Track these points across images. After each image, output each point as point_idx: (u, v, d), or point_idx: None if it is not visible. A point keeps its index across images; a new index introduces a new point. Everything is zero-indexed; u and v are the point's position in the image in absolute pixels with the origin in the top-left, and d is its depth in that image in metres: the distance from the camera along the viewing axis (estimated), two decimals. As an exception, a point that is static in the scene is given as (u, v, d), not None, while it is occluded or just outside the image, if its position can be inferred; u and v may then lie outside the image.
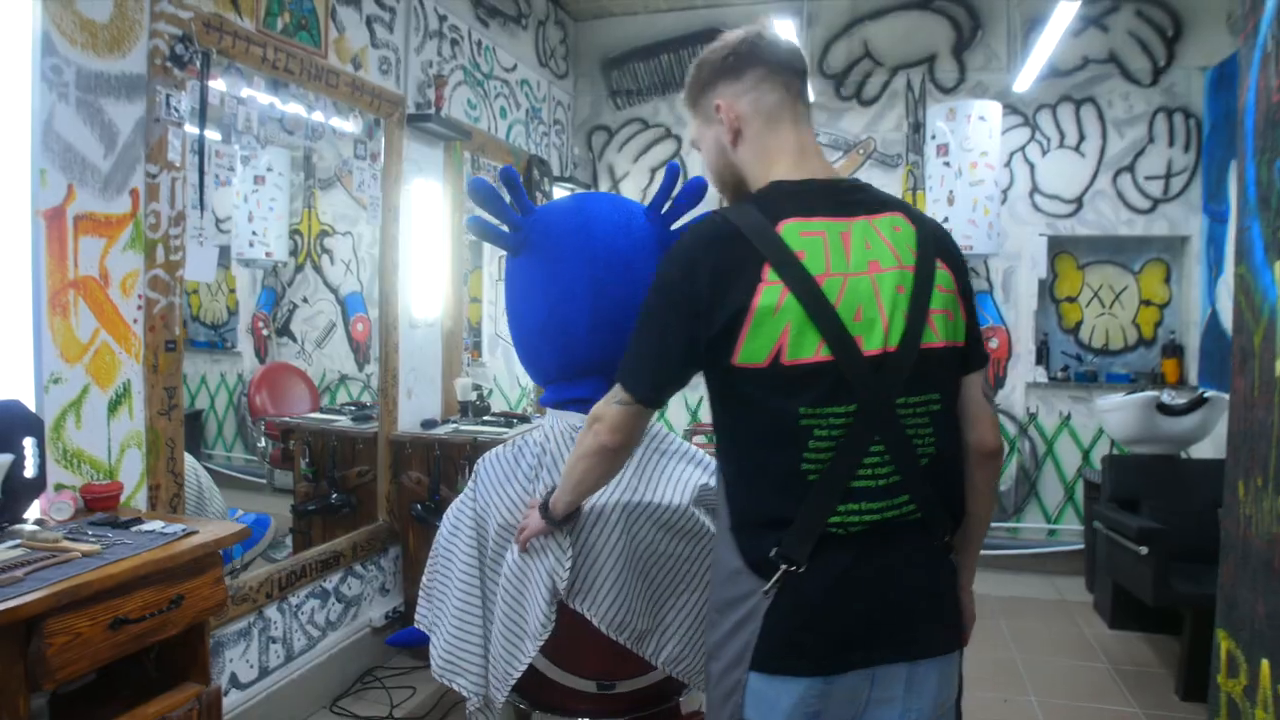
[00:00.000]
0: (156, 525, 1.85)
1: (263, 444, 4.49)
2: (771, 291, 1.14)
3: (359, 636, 3.15)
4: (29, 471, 1.83)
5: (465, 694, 1.74)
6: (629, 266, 1.74)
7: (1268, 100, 1.99)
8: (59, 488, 1.98)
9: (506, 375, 5.13)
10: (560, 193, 5.10)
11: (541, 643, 1.65)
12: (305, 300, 5.03)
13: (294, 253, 4.70)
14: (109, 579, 1.58)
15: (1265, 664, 1.92)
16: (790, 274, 1.14)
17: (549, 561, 1.63)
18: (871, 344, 1.16)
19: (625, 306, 1.56)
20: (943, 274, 1.24)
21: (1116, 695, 3.11)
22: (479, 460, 1.85)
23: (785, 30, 3.88)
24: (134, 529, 1.83)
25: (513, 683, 1.69)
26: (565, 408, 1.79)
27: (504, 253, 1.88)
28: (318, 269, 4.86)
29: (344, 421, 3.58)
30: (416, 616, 1.90)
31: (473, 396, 3.69)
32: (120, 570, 1.61)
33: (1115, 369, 4.69)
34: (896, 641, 1.20)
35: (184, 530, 1.82)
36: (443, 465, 3.22)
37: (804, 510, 1.16)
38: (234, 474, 4.43)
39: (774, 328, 1.13)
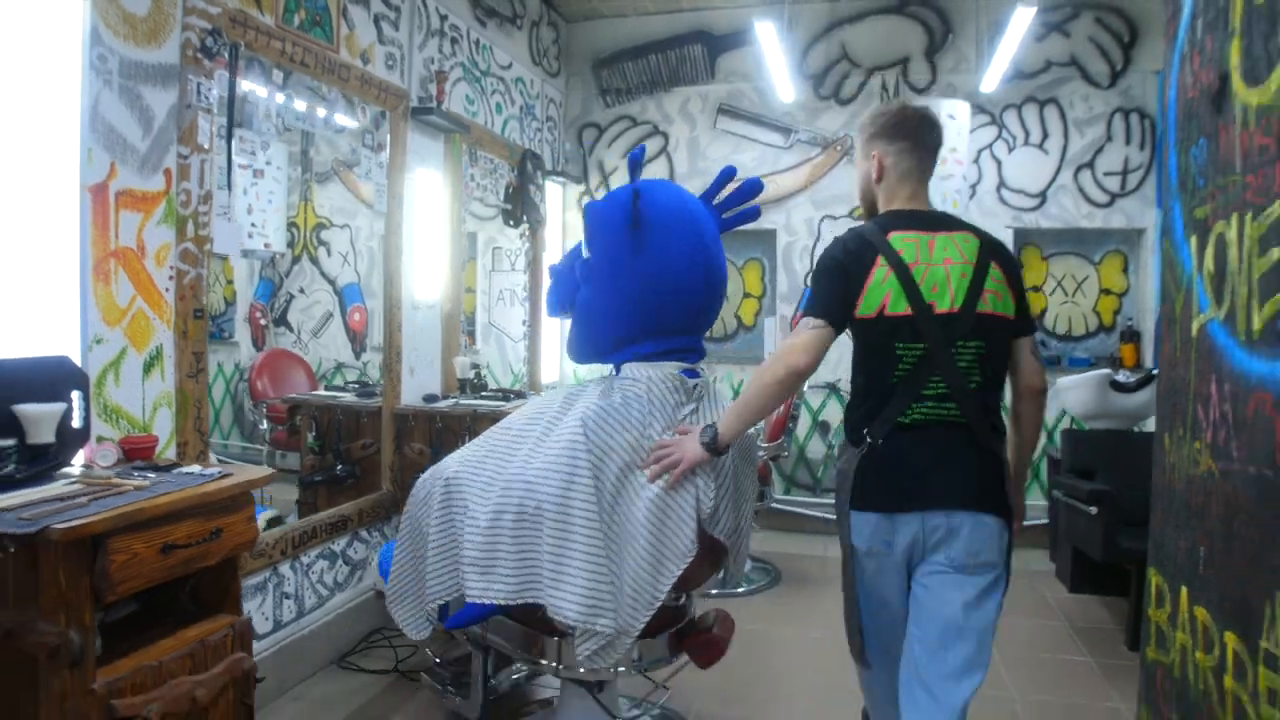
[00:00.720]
0: (194, 469, 2.05)
1: (264, 426, 4.67)
2: (880, 271, 1.79)
3: (364, 599, 3.35)
4: (76, 422, 2.03)
5: (606, 630, 1.92)
6: (717, 239, 2.21)
7: (1185, 96, 2.25)
8: (99, 439, 2.17)
9: (499, 363, 5.32)
10: (553, 187, 5.31)
11: (687, 563, 1.95)
12: (302, 291, 5.21)
13: (291, 245, 4.87)
14: (160, 507, 1.78)
15: (1184, 590, 2.16)
16: (893, 261, 1.79)
17: (695, 490, 1.97)
18: (942, 306, 1.79)
19: (720, 270, 2.21)
20: (994, 270, 1.85)
21: (1071, 648, 3.36)
22: (582, 422, 2.01)
23: (766, 33, 4.11)
24: (174, 471, 2.03)
25: (656, 607, 1.95)
26: (665, 358, 2.12)
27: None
28: (314, 260, 5.04)
29: (348, 398, 3.78)
30: (491, 591, 1.99)
31: (471, 374, 3.90)
32: (169, 501, 1.81)
33: (1077, 354, 4.96)
34: (936, 495, 1.78)
35: (220, 472, 2.02)
36: (444, 436, 3.43)
37: (887, 407, 1.80)
38: (232, 461, 4.62)
39: (880, 293, 1.78)
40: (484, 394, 3.82)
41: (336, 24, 3.10)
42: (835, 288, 1.84)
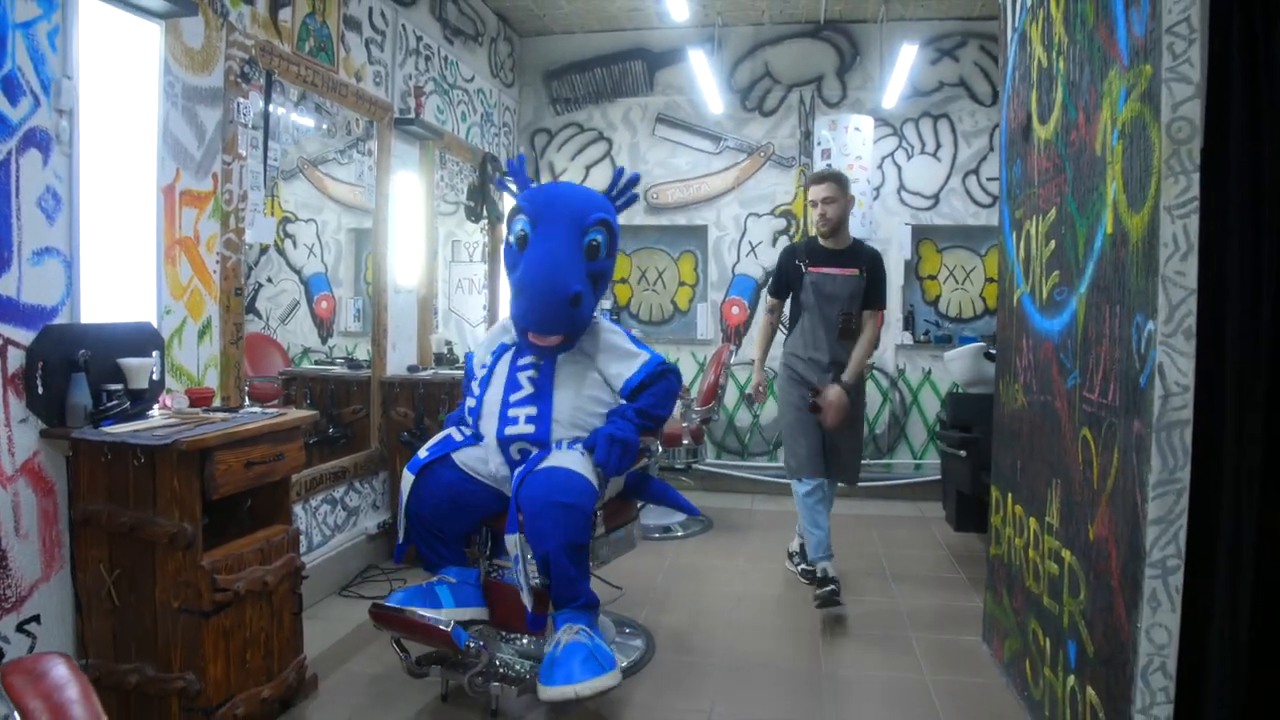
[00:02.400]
0: (256, 409, 2.62)
1: (247, 404, 5.14)
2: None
3: (357, 541, 3.91)
4: (155, 375, 2.57)
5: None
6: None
7: (1010, 127, 3.01)
8: (168, 390, 2.71)
9: (460, 344, 5.87)
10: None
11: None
12: (270, 280, 5.68)
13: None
14: (248, 432, 2.35)
15: (1010, 496, 2.92)
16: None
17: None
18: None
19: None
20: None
21: (949, 569, 4.12)
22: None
23: (698, 57, 4.78)
24: (241, 411, 2.59)
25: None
26: None
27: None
28: (280, 252, 5.52)
29: (339, 370, 4.32)
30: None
31: (444, 349, 4.48)
32: (251, 429, 2.38)
33: (966, 333, 5.77)
34: None
35: (278, 412, 2.59)
36: (426, 401, 4.00)
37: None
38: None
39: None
40: (456, 366, 4.40)
41: (336, 48, 3.65)
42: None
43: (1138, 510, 1.80)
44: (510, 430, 2.66)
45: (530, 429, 2.64)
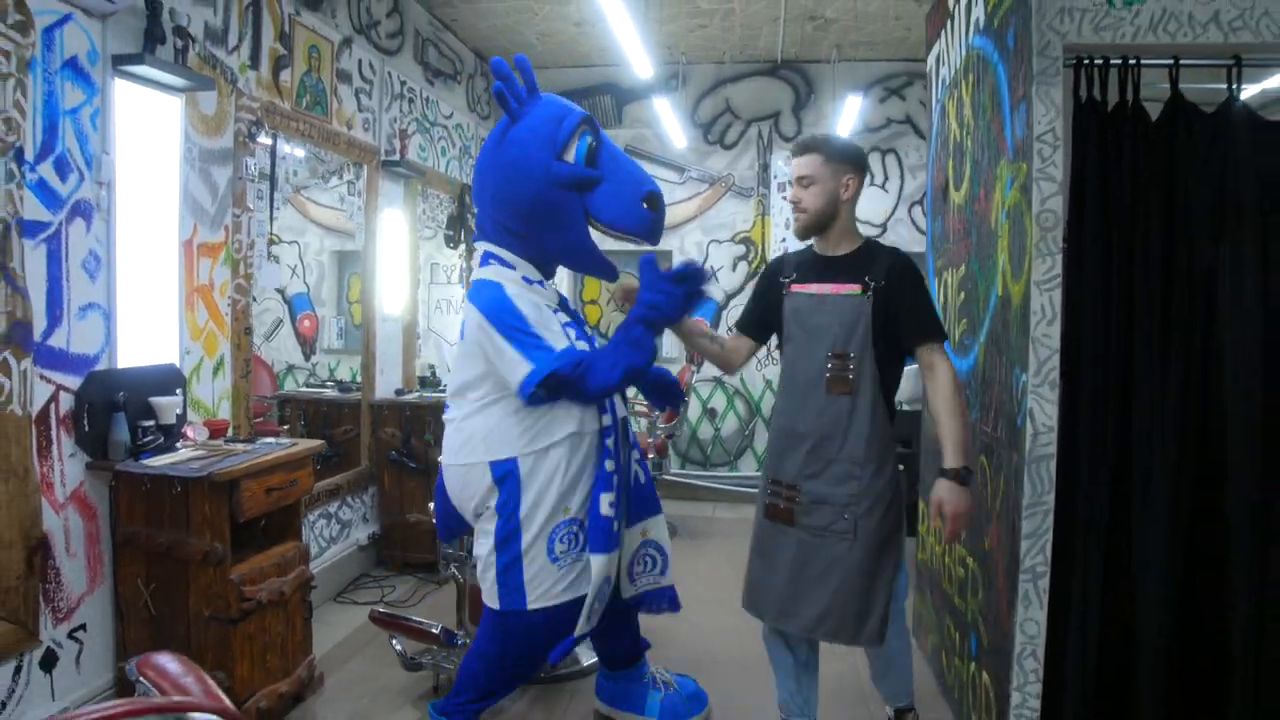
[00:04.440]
0: (271, 440, 2.96)
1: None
2: None
3: (350, 552, 4.24)
4: (180, 411, 2.90)
5: None
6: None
7: (934, 186, 3.42)
8: (189, 423, 3.04)
9: (439, 364, 6.22)
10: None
11: None
12: (254, 299, 5.99)
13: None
14: (267, 462, 2.69)
15: (921, 503, 3.31)
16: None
17: None
18: None
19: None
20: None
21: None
22: None
23: (662, 104, 5.18)
24: (258, 442, 2.93)
25: None
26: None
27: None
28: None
29: (330, 393, 4.64)
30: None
31: (427, 372, 4.82)
32: (270, 459, 2.72)
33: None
34: None
35: (291, 442, 2.93)
36: (412, 423, 4.35)
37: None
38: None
39: None
40: (439, 389, 4.75)
41: (330, 101, 3.99)
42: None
43: (1015, 526, 2.21)
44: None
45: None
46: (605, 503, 2.38)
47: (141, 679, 1.35)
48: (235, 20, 3.24)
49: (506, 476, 2.37)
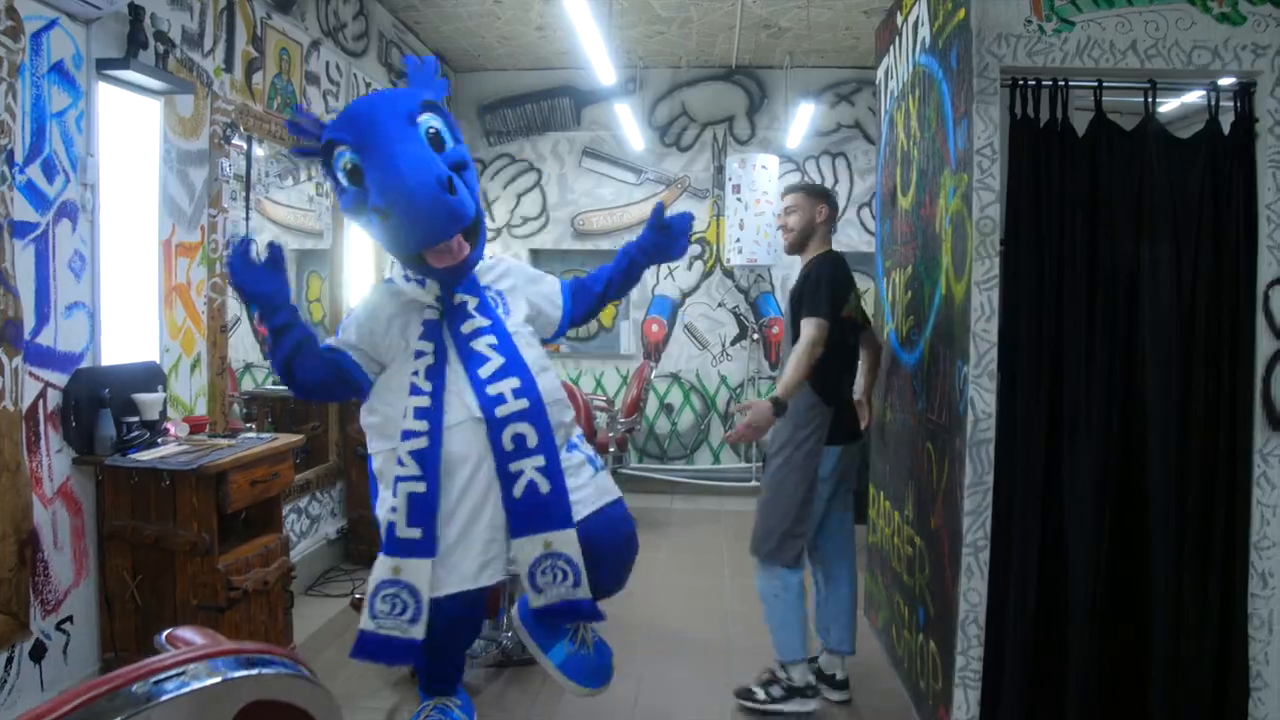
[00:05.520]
0: (252, 434, 3.04)
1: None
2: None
3: (319, 546, 4.32)
4: (161, 407, 2.97)
5: None
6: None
7: (884, 190, 3.62)
8: (169, 419, 3.11)
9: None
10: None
11: None
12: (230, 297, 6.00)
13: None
14: (252, 455, 2.79)
15: (881, 493, 3.53)
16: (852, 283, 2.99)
17: None
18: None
19: None
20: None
21: (841, 556, 4.77)
22: None
23: (622, 110, 5.33)
24: (239, 437, 3.01)
25: None
26: None
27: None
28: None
29: (297, 390, 4.70)
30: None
31: (394, 371, 4.90)
32: (254, 453, 2.81)
33: (860, 349, 6.47)
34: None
35: (272, 436, 3.02)
36: (381, 418, 4.43)
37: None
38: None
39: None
40: (406, 385, 4.83)
41: (300, 102, 4.05)
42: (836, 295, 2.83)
43: (958, 505, 2.43)
44: (502, 410, 2.26)
45: (524, 404, 2.27)
46: (384, 506, 2.35)
47: (171, 649, 1.47)
48: (211, 24, 3.31)
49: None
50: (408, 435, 2.26)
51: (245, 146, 3.51)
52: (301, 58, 4.07)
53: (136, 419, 2.80)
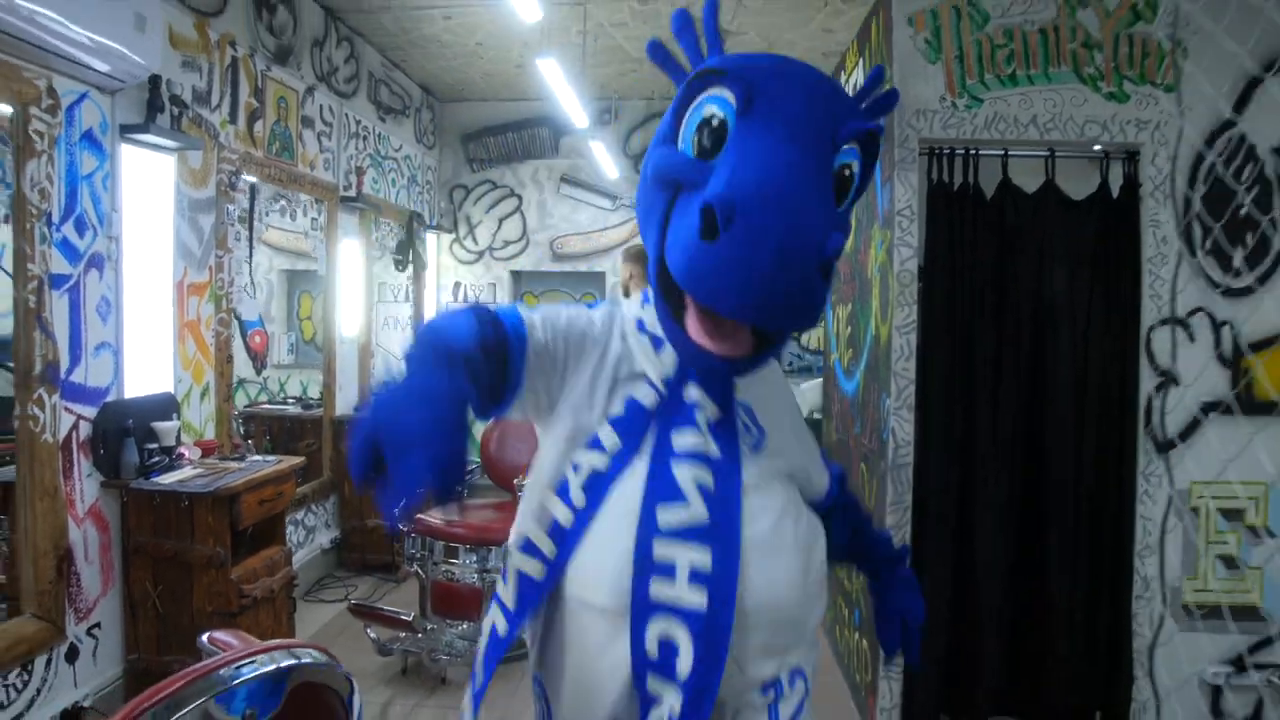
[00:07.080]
0: (258, 457, 3.37)
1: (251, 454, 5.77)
2: None
3: (314, 555, 4.64)
4: (176, 433, 3.29)
5: None
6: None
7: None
8: (182, 443, 3.42)
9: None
10: (431, 236, 6.64)
11: None
12: (236, 326, 6.31)
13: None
14: (261, 477, 3.11)
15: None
16: None
17: None
18: None
19: None
20: None
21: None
22: None
23: (598, 146, 5.69)
24: (246, 460, 3.34)
25: None
26: None
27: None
28: (213, 290, 6.13)
29: (294, 410, 5.02)
30: None
31: (384, 390, 5.22)
32: (261, 474, 3.14)
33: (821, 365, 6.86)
34: None
35: (278, 459, 3.35)
36: (372, 436, 4.75)
37: None
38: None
39: None
40: (395, 404, 5.16)
41: (296, 146, 4.38)
42: None
43: (883, 520, 2.79)
44: (659, 592, 1.11)
45: (698, 600, 1.09)
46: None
47: (214, 648, 1.80)
48: (217, 82, 3.63)
49: None
50: (527, 548, 1.24)
51: (248, 191, 3.82)
52: (298, 103, 4.39)
53: (156, 445, 3.11)
